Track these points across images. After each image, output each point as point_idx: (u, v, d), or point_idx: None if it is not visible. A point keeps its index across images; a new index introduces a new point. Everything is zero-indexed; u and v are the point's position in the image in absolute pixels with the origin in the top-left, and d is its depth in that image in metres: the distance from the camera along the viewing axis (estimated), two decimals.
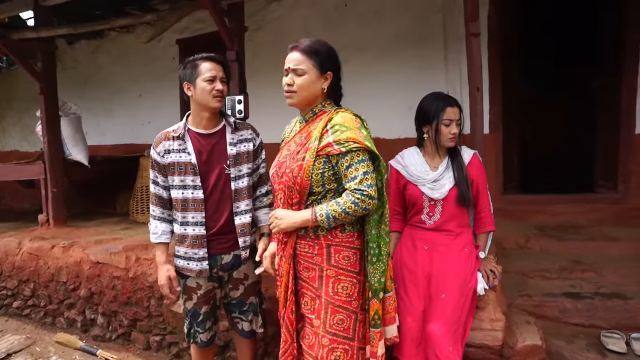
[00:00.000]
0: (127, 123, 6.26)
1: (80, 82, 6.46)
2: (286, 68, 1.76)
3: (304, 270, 1.79)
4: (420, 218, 2.27)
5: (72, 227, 4.37)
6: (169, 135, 2.12)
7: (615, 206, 3.67)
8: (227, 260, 2.16)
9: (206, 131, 2.13)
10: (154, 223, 2.17)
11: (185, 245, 2.12)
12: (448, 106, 2.19)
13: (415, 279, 2.16)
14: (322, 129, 1.71)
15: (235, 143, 2.13)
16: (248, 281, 2.24)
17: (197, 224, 2.09)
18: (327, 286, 1.73)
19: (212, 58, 2.09)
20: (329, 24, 4.62)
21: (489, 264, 2.26)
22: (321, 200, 1.73)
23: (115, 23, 3.46)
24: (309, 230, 1.74)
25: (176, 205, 2.11)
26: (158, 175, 2.14)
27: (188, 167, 2.07)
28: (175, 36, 5.60)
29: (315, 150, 1.68)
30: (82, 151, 4.58)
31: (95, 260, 3.38)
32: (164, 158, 2.10)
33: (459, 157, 2.24)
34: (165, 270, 2.15)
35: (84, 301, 3.42)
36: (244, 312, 2.28)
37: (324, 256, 1.74)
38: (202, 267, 2.12)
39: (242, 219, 2.15)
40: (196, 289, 2.18)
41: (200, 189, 2.08)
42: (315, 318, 1.75)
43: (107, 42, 6.27)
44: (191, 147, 2.09)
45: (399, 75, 4.35)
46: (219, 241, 2.14)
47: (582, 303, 2.67)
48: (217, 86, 2.05)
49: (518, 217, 3.78)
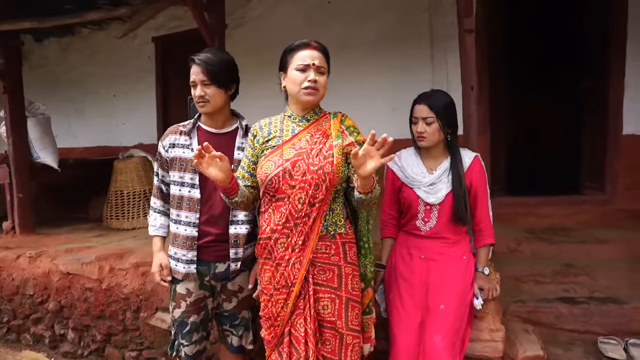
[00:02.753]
0: (101, 125, 6.02)
1: (50, 82, 6.20)
2: (307, 64, 1.70)
3: (320, 274, 1.74)
4: (415, 224, 2.14)
5: (41, 235, 4.13)
6: (178, 129, 2.06)
7: (603, 208, 3.67)
8: (222, 270, 2.03)
9: (217, 130, 2.04)
10: (153, 215, 2.13)
11: (177, 245, 2.03)
12: (416, 103, 2.09)
13: (412, 289, 2.04)
14: (339, 129, 1.76)
15: (243, 147, 2.00)
16: (242, 294, 2.10)
17: (189, 224, 1.99)
18: (346, 285, 1.76)
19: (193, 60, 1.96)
20: (311, 22, 4.51)
21: (491, 281, 2.13)
22: (337, 199, 1.76)
23: (85, 17, 3.24)
24: (330, 229, 1.74)
25: (172, 202, 2.04)
26: (160, 169, 2.10)
27: (189, 164, 1.99)
28: (151, 33, 5.43)
29: (341, 147, 1.72)
30: (51, 154, 4.34)
31: (65, 271, 3.18)
32: (168, 152, 2.04)
33: (458, 163, 2.08)
34: (159, 258, 2.09)
35: (53, 315, 3.21)
36: (235, 327, 2.13)
37: (340, 254, 1.76)
38: (189, 270, 2.00)
39: (237, 229, 2.01)
40: (185, 295, 2.03)
41: (197, 188, 1.98)
42: (338, 319, 1.74)
43: (78, 39, 6.01)
44: (196, 144, 1.99)
45: (383, 75, 4.28)
46: (215, 248, 2.01)
47: (578, 308, 2.61)
48: (197, 92, 1.94)
49: (507, 220, 3.72)
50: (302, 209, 1.69)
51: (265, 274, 1.79)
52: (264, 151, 1.81)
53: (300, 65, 1.70)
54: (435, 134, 2.05)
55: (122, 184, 4.50)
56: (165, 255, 2.09)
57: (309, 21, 4.52)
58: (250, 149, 1.86)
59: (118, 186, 4.50)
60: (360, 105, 4.17)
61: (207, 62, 1.91)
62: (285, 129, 1.81)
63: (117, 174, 4.54)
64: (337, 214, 1.76)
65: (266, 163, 1.75)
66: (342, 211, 1.79)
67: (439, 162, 2.13)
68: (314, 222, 1.71)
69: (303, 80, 1.70)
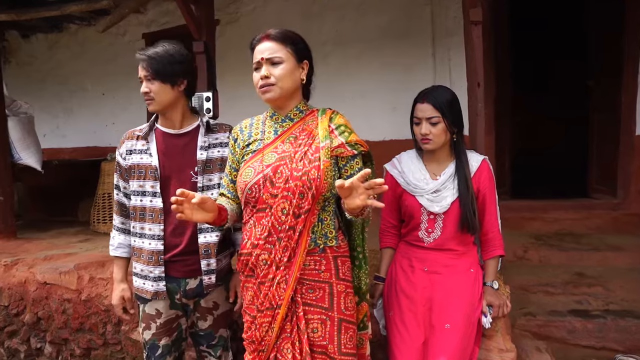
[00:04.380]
0: (90, 124, 5.82)
1: (37, 80, 5.99)
2: (258, 60, 1.54)
3: (308, 292, 1.54)
4: (418, 235, 1.94)
5: (22, 240, 3.92)
6: (135, 134, 1.88)
7: (614, 212, 3.50)
8: (193, 286, 1.83)
9: (175, 131, 1.86)
10: (113, 233, 1.96)
11: (142, 262, 1.83)
12: (417, 102, 1.88)
13: (414, 307, 1.85)
14: (327, 128, 1.56)
15: (206, 147, 1.83)
16: (218, 311, 1.91)
17: (154, 237, 1.80)
18: (339, 304, 1.56)
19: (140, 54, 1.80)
20: (307, 18, 4.34)
21: (500, 296, 1.93)
22: (326, 208, 1.55)
23: (66, 9, 3.05)
24: (320, 243, 1.53)
25: (134, 214, 1.86)
26: (120, 180, 1.91)
27: (148, 171, 1.81)
28: (141, 30, 5.27)
29: (329, 149, 1.53)
30: (33, 155, 4.12)
31: (42, 281, 2.98)
32: (125, 160, 1.87)
33: (464, 165, 1.88)
34: (120, 290, 1.93)
35: (29, 328, 3.01)
36: (212, 347, 1.94)
37: (332, 270, 1.56)
38: (158, 288, 1.80)
39: (207, 238, 1.81)
40: (155, 316, 1.84)
41: (159, 197, 1.80)
42: (329, 343, 1.54)
43: (66, 36, 5.81)
44: (154, 148, 1.83)
45: (382, 73, 4.12)
46: (184, 262, 1.81)
47: (593, 323, 2.43)
48: (141, 88, 1.78)
49: (512, 225, 3.53)
50: (286, 220, 1.49)
51: (248, 293, 1.59)
52: (244, 156, 1.62)
53: (254, 64, 1.55)
54: (442, 135, 1.85)
55: (109, 187, 4.28)
56: (127, 286, 1.93)
57: (305, 16, 4.35)
58: (232, 155, 1.68)
59: (105, 188, 4.28)
60: (358, 103, 4.04)
61: (151, 55, 1.76)
62: (267, 131, 1.62)
63: (105, 176, 4.32)
64: (327, 225, 1.55)
65: (245, 170, 1.56)
66: (333, 221, 1.58)
67: (443, 167, 1.93)
68: (300, 236, 1.50)
69: (257, 80, 1.54)
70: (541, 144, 5.69)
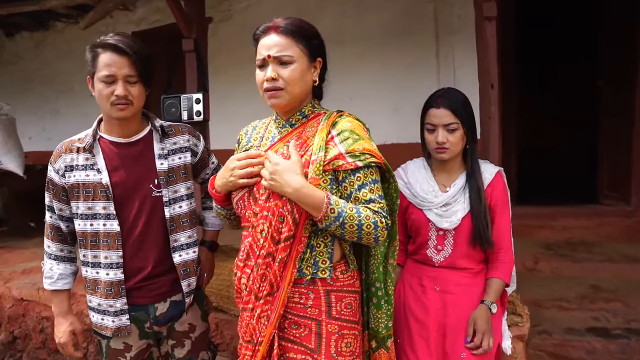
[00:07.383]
0: (77, 126, 5.41)
1: (23, 80, 5.82)
2: (263, 57, 1.30)
3: (292, 327, 1.31)
4: (426, 254, 1.75)
5: (4, 250, 3.78)
6: (73, 146, 1.60)
7: (628, 220, 3.35)
8: (163, 311, 1.62)
9: (127, 140, 1.60)
10: (48, 264, 1.66)
11: (99, 295, 1.59)
12: (432, 106, 1.68)
13: (426, 333, 1.66)
14: (325, 136, 1.29)
15: (165, 155, 1.61)
16: (195, 333, 1.70)
17: (111, 266, 1.56)
18: (328, 346, 1.31)
19: (114, 46, 1.50)
20: (304, 15, 3.96)
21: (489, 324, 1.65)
22: (320, 233, 1.31)
23: (45, 4, 2.86)
24: (307, 272, 1.29)
25: (84, 241, 1.60)
26: (54, 201, 1.63)
27: (98, 190, 1.56)
28: (130, 28, 5.07)
29: (321, 163, 1.26)
30: (15, 159, 3.96)
31: (18, 297, 2.82)
32: (64, 178, 1.58)
33: (477, 176, 1.71)
34: (69, 324, 1.65)
35: (4, 347, 2.86)
36: None
37: (322, 307, 1.31)
38: (120, 323, 1.57)
39: (183, 256, 1.62)
40: (124, 351, 1.62)
41: (114, 219, 1.56)
42: None
43: (52, 34, 5.65)
44: (102, 162, 1.57)
45: (384, 73, 3.97)
46: (150, 287, 1.60)
47: (615, 343, 2.25)
48: (118, 90, 1.49)
49: (521, 234, 3.33)
50: (264, 245, 1.28)
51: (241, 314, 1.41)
52: None
53: (258, 61, 1.32)
54: (459, 143, 1.67)
55: None
56: (76, 319, 1.68)
57: (302, 13, 4.02)
58: None
59: None
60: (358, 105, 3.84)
61: (133, 49, 1.49)
62: (266, 137, 1.42)
63: None
64: (319, 253, 1.31)
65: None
66: (329, 249, 1.33)
67: (453, 178, 1.74)
68: (284, 268, 1.27)
69: (262, 81, 1.31)
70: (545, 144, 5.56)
